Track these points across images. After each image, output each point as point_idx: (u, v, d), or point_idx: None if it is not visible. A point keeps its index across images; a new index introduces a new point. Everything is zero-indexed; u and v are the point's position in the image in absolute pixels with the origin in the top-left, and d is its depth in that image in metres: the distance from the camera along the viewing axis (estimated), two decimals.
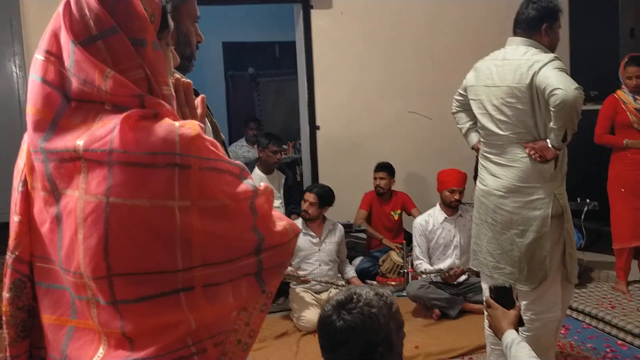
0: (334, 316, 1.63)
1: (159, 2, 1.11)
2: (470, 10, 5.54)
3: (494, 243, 2.92)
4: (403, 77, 5.48)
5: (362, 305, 1.62)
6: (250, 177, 1.10)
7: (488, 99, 2.86)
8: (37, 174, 1.05)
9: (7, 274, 1.09)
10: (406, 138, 5.53)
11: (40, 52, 1.06)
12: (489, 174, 2.92)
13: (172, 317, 1.02)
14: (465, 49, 5.34)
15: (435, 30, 5.50)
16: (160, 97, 1.06)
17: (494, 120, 2.85)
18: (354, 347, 1.61)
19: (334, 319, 1.62)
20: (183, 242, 1.00)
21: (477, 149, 3.09)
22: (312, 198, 4.34)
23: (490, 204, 2.90)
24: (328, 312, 1.65)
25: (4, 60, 4.51)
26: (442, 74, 5.42)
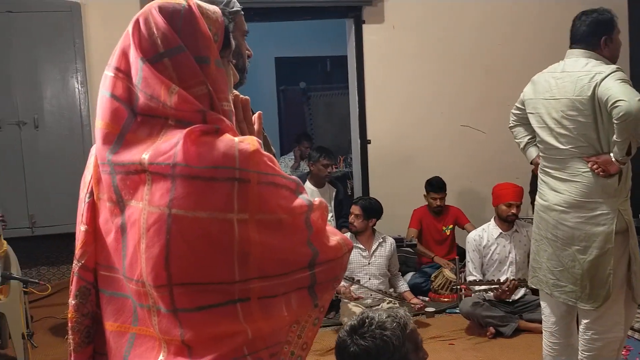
0: (348, 341, 1.65)
1: (222, 22, 1.15)
2: (525, 22, 5.46)
3: (554, 260, 2.84)
4: (455, 90, 5.43)
5: (375, 329, 1.63)
6: (306, 192, 1.12)
7: (547, 112, 2.81)
8: (103, 185, 1.09)
9: (73, 281, 1.13)
10: (458, 152, 5.47)
11: (110, 69, 1.11)
12: (550, 189, 2.85)
13: (229, 327, 1.04)
14: (520, 61, 5.26)
15: (489, 43, 5.44)
16: (221, 113, 1.09)
17: (553, 134, 2.79)
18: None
19: (348, 344, 1.64)
20: (240, 254, 1.02)
21: (536, 164, 3.02)
22: (357, 210, 4.34)
23: (551, 219, 2.83)
24: (342, 337, 1.67)
25: (67, 76, 4.70)
26: (496, 87, 5.35)
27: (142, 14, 1.09)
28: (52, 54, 4.66)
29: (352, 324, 1.68)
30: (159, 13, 1.07)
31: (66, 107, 4.71)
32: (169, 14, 1.07)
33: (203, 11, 1.11)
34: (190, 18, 1.08)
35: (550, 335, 2.97)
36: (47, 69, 4.67)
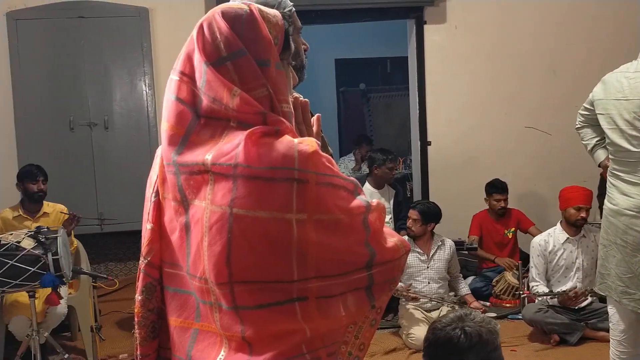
0: (453, 327, 1.65)
1: (282, 25, 1.17)
2: (590, 21, 5.26)
3: (623, 266, 2.74)
4: (519, 90, 5.29)
5: (480, 321, 1.66)
6: (363, 193, 1.13)
7: (619, 113, 2.70)
8: (168, 185, 1.13)
9: (140, 277, 1.18)
10: (523, 154, 5.33)
11: (175, 73, 1.15)
12: (620, 193, 2.75)
13: (288, 325, 1.06)
14: (586, 60, 5.09)
15: (554, 41, 5.28)
16: (280, 115, 1.11)
17: (625, 135, 2.69)
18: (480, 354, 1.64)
19: (455, 330, 1.65)
20: (299, 253, 1.03)
21: (605, 166, 2.92)
22: (415, 215, 4.28)
23: (621, 224, 2.72)
24: (444, 324, 1.67)
25: (135, 80, 4.88)
26: (561, 87, 5.19)
27: (206, 19, 1.12)
28: (121, 58, 4.84)
29: (456, 314, 1.71)
30: (222, 18, 1.10)
31: (134, 109, 4.88)
32: (232, 18, 1.10)
33: (264, 15, 1.13)
34: (252, 22, 1.10)
35: (618, 344, 2.86)
36: (116, 72, 4.85)
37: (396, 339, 4.15)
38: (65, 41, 4.75)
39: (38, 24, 4.73)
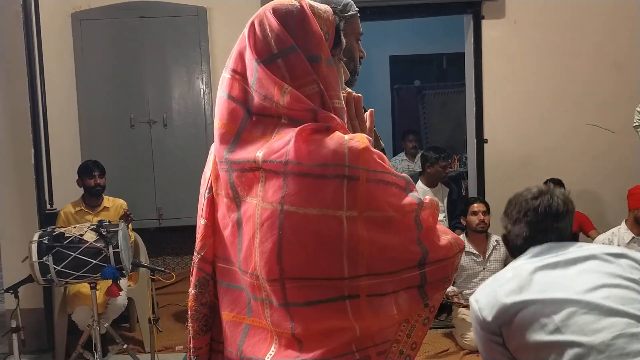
0: (550, 196, 1.77)
1: (333, 21, 1.16)
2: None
3: None
4: (581, 87, 5.12)
5: (562, 192, 1.81)
6: (416, 190, 1.11)
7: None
8: (221, 182, 1.15)
9: (193, 272, 1.20)
10: (583, 153, 5.15)
11: (228, 71, 1.16)
12: None
13: (338, 322, 1.05)
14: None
15: (619, 36, 5.07)
16: (331, 111, 1.11)
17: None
18: (569, 222, 1.78)
19: (552, 198, 1.77)
20: (349, 251, 1.03)
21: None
22: (483, 207, 4.20)
23: None
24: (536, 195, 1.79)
25: (193, 78, 4.98)
26: (626, 83, 4.98)
27: (257, 16, 1.13)
28: (180, 57, 4.95)
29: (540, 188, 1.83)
30: (273, 15, 1.11)
31: (192, 106, 4.99)
32: (282, 15, 1.10)
33: (315, 11, 1.13)
34: (303, 18, 1.11)
35: None
36: (175, 70, 4.97)
37: (449, 340, 4.09)
38: (127, 41, 4.89)
39: (101, 24, 4.89)
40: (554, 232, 1.76)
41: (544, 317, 1.54)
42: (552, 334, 1.52)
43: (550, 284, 1.60)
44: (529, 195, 1.81)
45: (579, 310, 1.52)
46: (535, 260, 1.69)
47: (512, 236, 1.82)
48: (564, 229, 1.78)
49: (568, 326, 1.51)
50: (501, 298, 1.62)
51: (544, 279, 1.62)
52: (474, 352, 3.87)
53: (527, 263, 1.70)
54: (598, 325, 1.49)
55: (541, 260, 1.68)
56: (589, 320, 1.50)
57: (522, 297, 1.59)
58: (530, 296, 1.59)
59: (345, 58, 1.68)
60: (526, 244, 1.78)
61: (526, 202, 1.80)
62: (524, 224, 1.78)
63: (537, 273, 1.63)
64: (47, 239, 2.99)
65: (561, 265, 1.65)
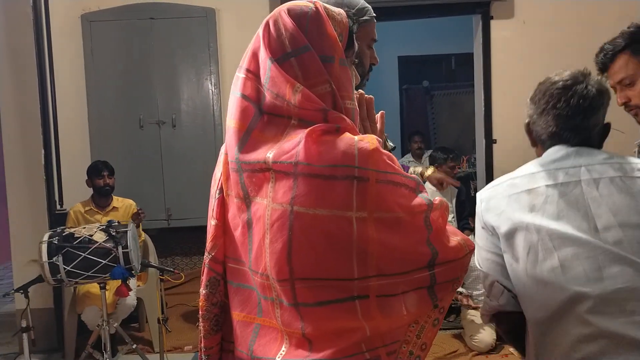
0: (585, 85, 1.56)
1: (347, 23, 1.18)
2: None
3: None
4: None
5: (598, 80, 1.61)
6: (425, 191, 1.11)
7: None
8: (231, 182, 1.15)
9: (204, 272, 1.20)
10: None
11: (241, 70, 1.17)
12: None
13: (348, 323, 1.06)
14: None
15: None
16: (343, 111, 1.11)
17: None
18: (602, 114, 1.58)
19: (587, 87, 1.56)
20: (359, 251, 1.03)
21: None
22: None
23: None
24: (573, 79, 1.60)
25: (202, 79, 4.99)
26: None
27: (272, 16, 1.14)
28: (188, 57, 4.97)
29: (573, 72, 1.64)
30: (288, 15, 1.12)
31: (200, 107, 5.00)
32: (297, 16, 1.11)
33: (329, 13, 1.14)
34: (317, 19, 1.12)
35: None
36: (184, 71, 4.99)
37: (457, 341, 4.09)
38: (136, 42, 4.92)
39: (111, 26, 4.91)
40: (583, 131, 1.54)
41: (544, 251, 1.38)
42: (550, 272, 1.36)
43: (562, 211, 1.40)
44: (560, 83, 1.60)
45: (582, 252, 1.35)
46: (555, 171, 1.48)
47: (537, 127, 1.59)
48: (594, 125, 1.57)
49: (567, 268, 1.35)
50: (509, 211, 1.46)
51: (556, 204, 1.42)
52: (482, 353, 3.86)
53: (546, 175, 1.48)
54: (600, 273, 1.33)
55: (562, 172, 1.47)
56: (590, 267, 1.34)
57: (531, 219, 1.41)
58: (538, 221, 1.40)
59: (357, 60, 1.68)
60: (551, 141, 1.56)
61: (558, 91, 1.58)
62: (552, 117, 1.56)
63: (553, 193, 1.44)
64: (57, 239, 3.01)
65: (579, 186, 1.44)
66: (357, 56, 1.70)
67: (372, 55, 1.75)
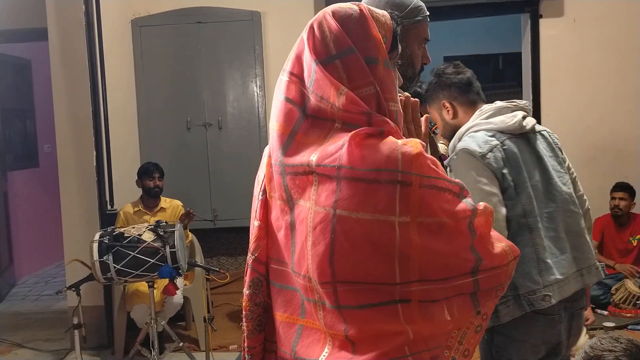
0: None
1: (390, 25, 1.17)
2: None
3: None
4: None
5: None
6: (470, 196, 1.10)
7: None
8: (275, 184, 1.16)
9: (248, 272, 1.22)
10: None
11: (285, 73, 1.18)
12: None
13: (390, 326, 1.05)
14: None
15: None
16: (386, 114, 1.11)
17: None
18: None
19: None
20: (401, 256, 1.03)
21: None
22: None
23: None
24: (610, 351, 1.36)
25: (247, 81, 5.05)
26: None
27: (317, 19, 1.14)
28: (234, 60, 5.04)
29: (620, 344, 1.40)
30: (332, 17, 1.12)
31: (246, 109, 5.06)
32: (342, 18, 1.12)
33: (373, 15, 1.14)
34: (362, 21, 1.12)
35: None
36: (230, 74, 5.05)
37: None
38: (184, 45, 5.01)
39: (160, 30, 5.02)
40: None
41: None
42: None
43: None
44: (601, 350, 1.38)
45: None
46: None
47: None
48: None
49: None
50: None
51: None
52: None
53: None
54: None
55: None
56: None
57: None
58: None
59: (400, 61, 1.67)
60: None
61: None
62: None
63: None
64: (107, 239, 3.08)
65: None
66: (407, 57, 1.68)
67: (424, 55, 1.73)
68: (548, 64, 5.05)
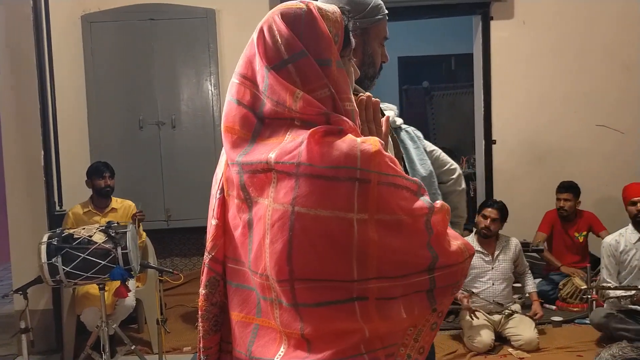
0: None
1: (341, 22, 1.16)
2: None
3: None
4: (591, 88, 5.10)
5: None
6: (427, 194, 1.11)
7: None
8: (232, 183, 1.15)
9: (204, 272, 1.20)
10: (594, 153, 5.13)
11: (237, 77, 1.16)
12: None
13: (347, 324, 1.05)
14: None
15: (629, 37, 5.05)
16: (343, 113, 1.11)
17: None
18: None
19: None
20: (359, 253, 1.03)
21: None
22: (495, 214, 4.17)
23: None
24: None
25: (202, 79, 5.00)
26: (636, 84, 4.97)
27: (266, 21, 1.13)
28: (188, 58, 4.98)
29: None
30: (282, 20, 1.11)
31: (200, 108, 5.00)
32: (291, 19, 1.10)
33: (323, 13, 1.13)
34: (311, 21, 1.11)
35: None
36: (184, 72, 4.99)
37: (456, 342, 4.08)
38: (137, 43, 4.92)
39: (111, 27, 4.92)
40: None
41: None
42: None
43: None
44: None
45: None
46: None
47: None
48: None
49: None
50: None
51: None
52: (481, 353, 3.86)
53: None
54: None
55: None
56: None
57: None
58: None
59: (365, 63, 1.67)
60: None
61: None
62: None
63: None
64: (56, 240, 3.00)
65: None
66: (369, 56, 1.69)
67: (383, 53, 1.76)
68: (499, 66, 5.17)
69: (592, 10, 5.07)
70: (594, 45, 5.08)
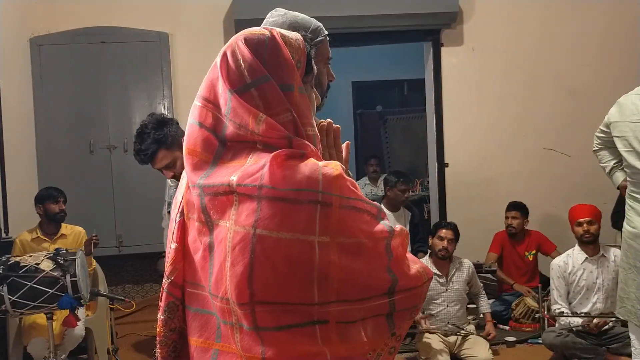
0: None
1: (304, 49, 1.18)
2: (614, 43, 5.26)
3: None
4: (539, 112, 5.28)
5: None
6: (387, 218, 1.12)
7: (634, 135, 2.69)
8: (193, 206, 1.14)
9: (163, 297, 1.18)
10: (542, 176, 5.30)
11: (199, 99, 1.16)
12: (638, 215, 2.72)
13: (308, 347, 1.05)
14: (608, 83, 5.07)
15: (575, 64, 5.27)
16: (305, 138, 1.12)
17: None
18: None
19: None
20: (320, 276, 1.03)
21: (624, 188, 2.89)
22: (450, 234, 4.22)
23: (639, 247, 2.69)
24: None
25: (155, 103, 4.94)
26: (582, 109, 5.17)
27: (229, 46, 1.13)
28: (141, 81, 4.92)
29: None
30: (245, 45, 1.11)
31: None
32: (254, 45, 1.11)
33: (286, 40, 1.15)
34: (275, 47, 1.12)
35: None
36: (136, 95, 4.92)
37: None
38: (87, 66, 4.84)
39: (61, 49, 4.83)
40: None
41: None
42: None
43: None
44: None
45: None
46: None
47: None
48: None
49: None
50: None
51: None
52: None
53: None
54: None
55: None
56: None
57: None
58: None
59: None
60: None
61: None
62: None
63: None
64: (1, 269, 2.90)
65: None
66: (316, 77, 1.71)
67: (329, 72, 1.78)
68: (450, 91, 5.30)
69: (540, 37, 5.27)
70: (540, 71, 5.28)
